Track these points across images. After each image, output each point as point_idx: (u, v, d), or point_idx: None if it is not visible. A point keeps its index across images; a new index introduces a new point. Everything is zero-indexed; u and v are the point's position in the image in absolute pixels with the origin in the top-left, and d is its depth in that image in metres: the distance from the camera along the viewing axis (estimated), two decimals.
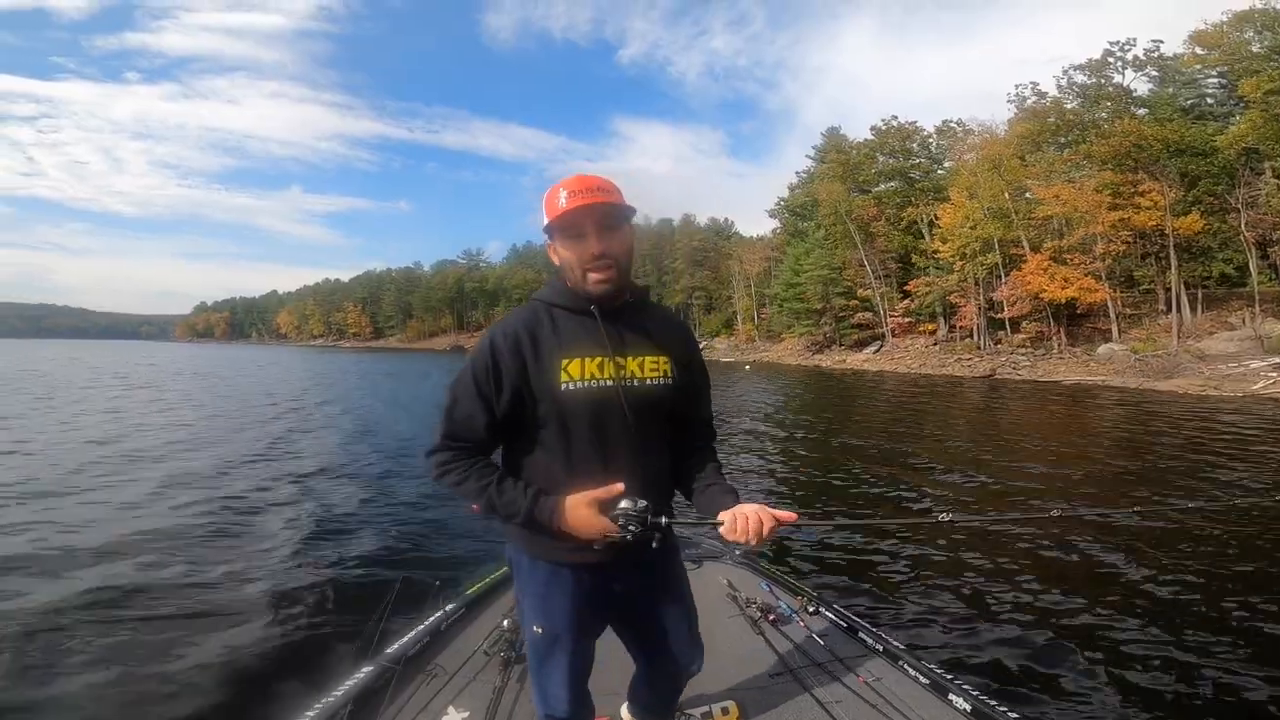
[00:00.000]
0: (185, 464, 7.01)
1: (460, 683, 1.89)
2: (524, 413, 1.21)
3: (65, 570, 3.76)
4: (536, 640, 1.33)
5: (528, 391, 1.20)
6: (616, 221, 1.21)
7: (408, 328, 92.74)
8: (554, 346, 1.21)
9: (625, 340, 1.25)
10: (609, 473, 1.20)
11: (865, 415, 12.45)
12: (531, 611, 1.32)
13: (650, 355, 1.27)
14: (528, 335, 1.22)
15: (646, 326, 1.30)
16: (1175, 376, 17.11)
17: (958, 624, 3.15)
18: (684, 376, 1.32)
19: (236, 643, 2.90)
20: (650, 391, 1.25)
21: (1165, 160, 23.23)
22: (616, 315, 1.26)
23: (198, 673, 2.67)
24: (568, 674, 1.34)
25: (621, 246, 1.22)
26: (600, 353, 1.22)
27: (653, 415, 1.27)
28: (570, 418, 1.20)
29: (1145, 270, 24.88)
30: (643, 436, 1.24)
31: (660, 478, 1.30)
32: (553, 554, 1.24)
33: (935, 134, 36.09)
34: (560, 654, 1.32)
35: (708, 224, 63.31)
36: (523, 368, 1.19)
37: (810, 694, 1.84)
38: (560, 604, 1.28)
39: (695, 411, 1.39)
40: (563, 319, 1.25)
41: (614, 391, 1.21)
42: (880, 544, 4.31)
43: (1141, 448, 8.10)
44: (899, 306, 33.55)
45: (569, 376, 1.19)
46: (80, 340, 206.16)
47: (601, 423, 1.21)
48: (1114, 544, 4.20)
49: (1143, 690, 2.55)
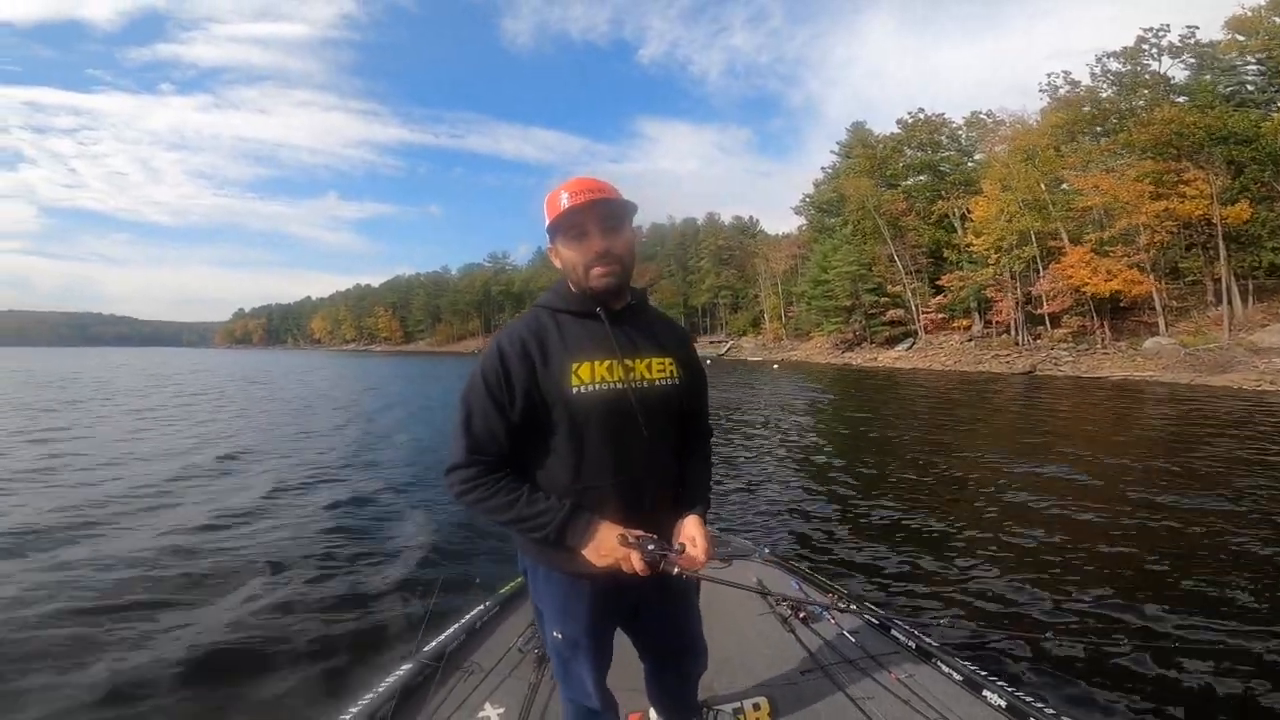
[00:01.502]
0: (233, 464, 7.35)
1: (496, 679, 1.93)
2: (535, 420, 1.21)
3: (134, 561, 4.05)
4: (558, 644, 1.36)
5: (539, 397, 1.20)
6: (618, 220, 1.24)
7: (436, 331, 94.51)
8: (562, 351, 1.22)
9: (632, 342, 1.27)
10: (622, 475, 1.22)
11: (903, 414, 12.35)
12: (551, 619, 1.35)
13: (656, 357, 1.29)
14: (535, 341, 1.22)
15: (649, 328, 1.32)
16: (1229, 371, 16.60)
17: (992, 621, 3.13)
18: (688, 377, 1.35)
19: (286, 637, 3.01)
20: (660, 392, 1.27)
21: (1210, 147, 22.46)
22: (621, 318, 1.28)
23: (248, 665, 2.76)
24: (592, 672, 1.37)
25: (624, 245, 1.24)
26: (609, 355, 1.22)
27: (663, 416, 1.28)
28: (583, 421, 1.20)
29: (1191, 261, 24.09)
30: (654, 438, 1.25)
31: (671, 479, 1.32)
32: (570, 565, 1.24)
33: (965, 126, 35.43)
34: (582, 655, 1.35)
35: (732, 222, 63.17)
36: (532, 373, 1.19)
37: (842, 690, 1.84)
38: (578, 612, 1.31)
39: (697, 410, 1.41)
40: (568, 323, 1.26)
41: (625, 393, 1.22)
42: (912, 542, 4.31)
43: (1205, 446, 7.97)
44: (931, 302, 33.04)
45: (580, 380, 1.19)
46: (125, 347, 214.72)
47: (614, 425, 1.21)
48: (1159, 543, 4.19)
49: (1184, 688, 2.50)
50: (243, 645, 2.96)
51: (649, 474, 1.26)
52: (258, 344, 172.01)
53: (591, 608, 1.30)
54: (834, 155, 42.44)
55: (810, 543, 4.38)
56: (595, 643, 1.35)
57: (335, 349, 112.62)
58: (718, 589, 1.40)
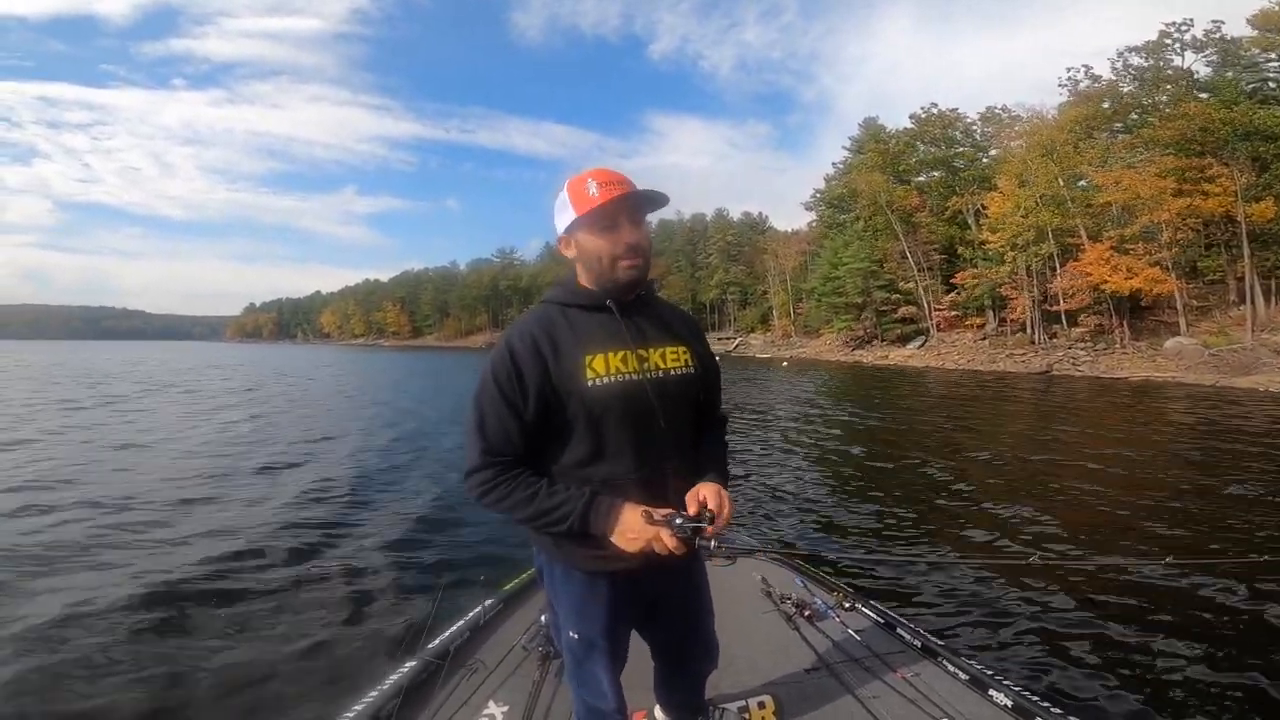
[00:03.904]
0: (241, 463, 7.28)
1: (500, 677, 1.93)
2: (550, 416, 1.19)
3: (143, 556, 4.09)
4: (574, 644, 1.34)
5: (552, 393, 1.18)
6: (646, 212, 1.25)
7: (445, 326, 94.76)
8: (574, 345, 1.20)
9: (644, 333, 1.26)
10: (642, 466, 1.21)
11: (914, 413, 12.17)
12: (567, 619, 1.34)
13: (670, 346, 1.28)
14: (545, 336, 1.20)
15: (661, 318, 1.31)
16: (1254, 372, 16.25)
17: (998, 620, 3.10)
18: (702, 365, 1.34)
19: (290, 634, 3.03)
20: (676, 381, 1.26)
21: (1234, 144, 21.97)
22: (632, 309, 1.26)
23: (255, 662, 2.76)
24: (609, 672, 1.36)
25: (648, 237, 1.26)
26: (622, 346, 1.21)
27: (680, 405, 1.27)
28: (600, 414, 1.18)
29: (1211, 260, 23.62)
30: (672, 428, 1.24)
31: (690, 468, 1.29)
32: (589, 563, 1.24)
33: (980, 121, 34.94)
34: (598, 655, 1.34)
35: (741, 218, 62.73)
36: (545, 370, 1.17)
37: (847, 689, 1.83)
38: (596, 612, 1.30)
39: (711, 398, 1.41)
40: (578, 317, 1.24)
41: (641, 384, 1.20)
42: (918, 541, 4.27)
43: (1231, 450, 7.74)
44: (944, 300, 32.66)
45: (595, 373, 1.18)
46: (138, 341, 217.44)
47: (632, 416, 1.20)
48: (1173, 547, 4.14)
49: (1192, 689, 2.49)
50: (248, 642, 2.97)
51: (669, 463, 1.24)
52: (268, 338, 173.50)
53: (609, 607, 1.29)
54: (845, 151, 42.09)
55: (815, 541, 4.38)
56: (611, 643, 1.34)
57: (344, 343, 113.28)
58: (723, 587, 1.39)
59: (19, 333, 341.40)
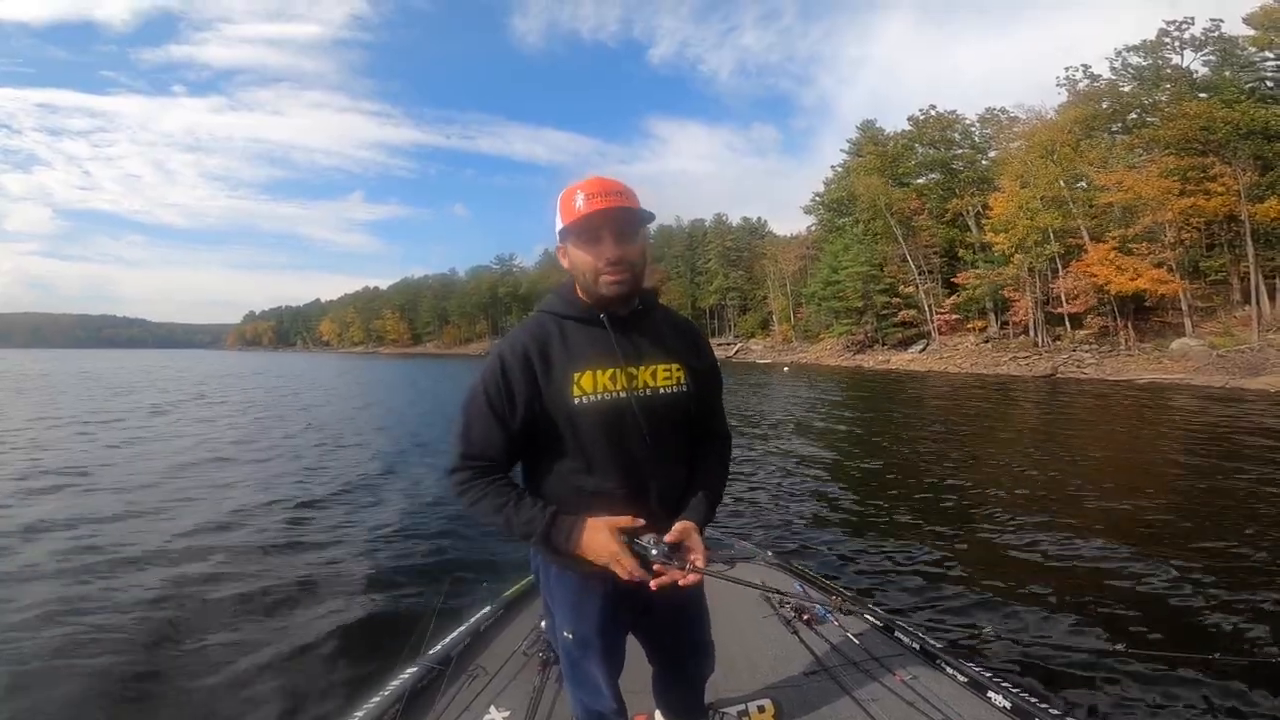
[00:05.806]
0: (250, 471, 7.15)
1: (501, 683, 1.93)
2: (537, 429, 1.20)
3: (126, 570, 4.03)
4: (569, 645, 1.34)
5: (540, 407, 1.18)
6: (634, 227, 1.20)
7: (444, 333, 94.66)
8: (564, 360, 1.19)
9: (636, 349, 1.23)
10: (627, 486, 1.20)
11: (915, 418, 11.95)
12: (563, 618, 1.33)
13: (663, 363, 1.25)
14: (537, 350, 1.20)
15: (657, 333, 1.28)
16: (1263, 373, 15.98)
17: (997, 623, 3.13)
18: (697, 381, 1.30)
19: (292, 640, 3.03)
20: (664, 400, 1.23)
21: (1237, 143, 21.80)
22: (626, 324, 1.24)
23: (255, 668, 2.77)
24: (605, 672, 1.36)
25: (637, 252, 1.20)
26: (612, 364, 1.20)
27: (668, 424, 1.24)
28: (585, 432, 1.18)
29: (1214, 260, 23.41)
30: (659, 447, 1.22)
31: (677, 489, 1.28)
32: (580, 565, 1.22)
33: (979, 122, 34.89)
34: (595, 655, 1.34)
35: (740, 223, 62.69)
36: (534, 383, 1.18)
37: (847, 692, 1.84)
38: (591, 611, 1.29)
39: (708, 415, 1.36)
40: (572, 330, 1.23)
41: (627, 403, 1.19)
42: (916, 545, 4.28)
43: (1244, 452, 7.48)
44: (945, 303, 32.45)
45: (581, 390, 1.17)
46: (140, 350, 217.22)
47: (617, 435, 1.19)
48: (1173, 552, 4.04)
49: (1190, 691, 2.47)
50: (249, 649, 2.96)
51: (654, 482, 1.23)
52: (267, 346, 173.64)
53: (603, 606, 1.29)
54: (844, 154, 42.03)
55: (814, 545, 4.39)
56: (607, 643, 1.34)
57: (344, 351, 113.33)
58: (722, 591, 1.39)
59: (22, 341, 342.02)
